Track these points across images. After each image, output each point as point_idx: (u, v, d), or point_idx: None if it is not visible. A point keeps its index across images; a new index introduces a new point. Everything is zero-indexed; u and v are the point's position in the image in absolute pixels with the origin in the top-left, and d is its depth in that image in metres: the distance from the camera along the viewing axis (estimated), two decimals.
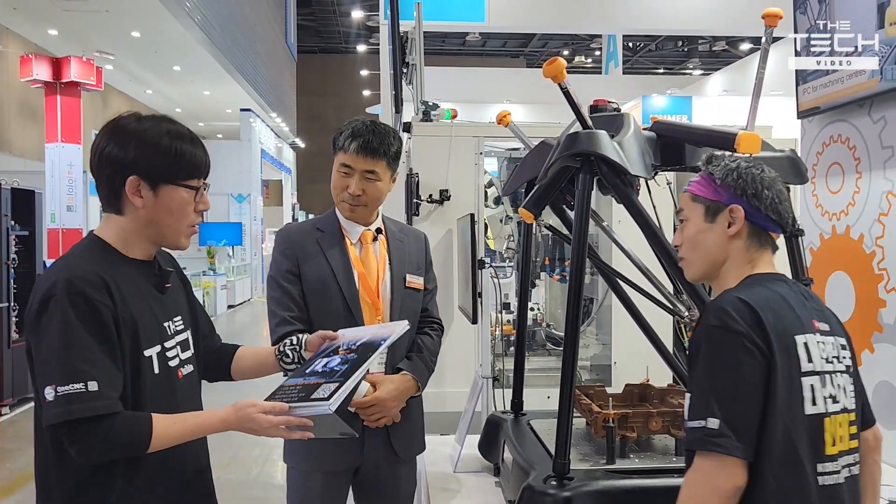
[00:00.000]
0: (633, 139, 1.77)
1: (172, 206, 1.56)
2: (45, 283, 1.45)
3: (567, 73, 1.71)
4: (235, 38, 15.65)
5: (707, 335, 1.35)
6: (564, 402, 1.77)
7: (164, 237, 1.59)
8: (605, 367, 3.92)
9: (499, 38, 27.02)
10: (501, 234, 3.95)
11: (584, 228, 1.75)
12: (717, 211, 1.47)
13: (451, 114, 3.70)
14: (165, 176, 1.54)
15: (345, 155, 2.17)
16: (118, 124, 1.56)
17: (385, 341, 1.72)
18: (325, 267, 2.18)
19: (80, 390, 1.38)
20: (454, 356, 3.57)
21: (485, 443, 2.40)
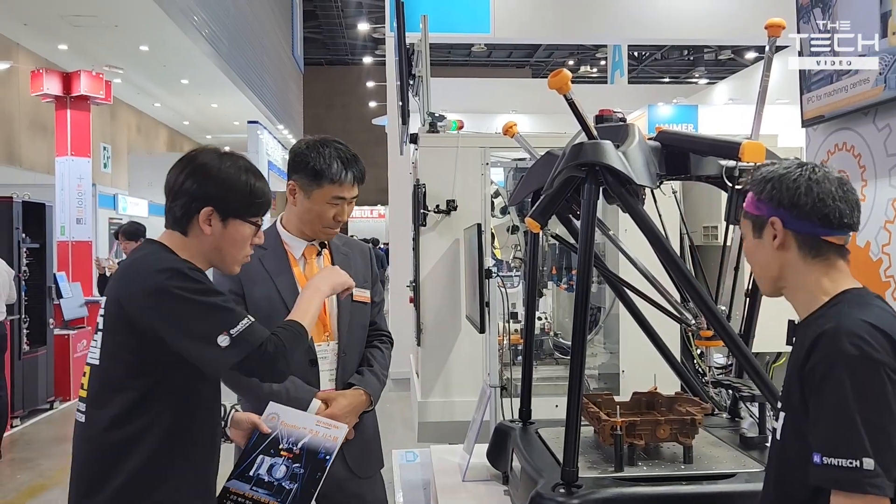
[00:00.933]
0: (637, 149, 1.79)
1: (237, 238, 1.73)
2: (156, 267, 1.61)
3: (572, 83, 1.73)
4: (243, 51, 15.77)
5: (846, 364, 1.25)
6: (572, 410, 1.79)
7: (223, 263, 1.76)
8: (613, 376, 3.92)
9: (504, 49, 27.11)
10: (508, 243, 3.96)
11: (590, 238, 1.77)
12: (762, 225, 1.43)
13: (457, 125, 3.72)
14: (237, 212, 1.71)
15: (340, 187, 2.15)
16: (200, 162, 1.71)
17: (330, 456, 1.77)
18: (271, 288, 2.16)
19: (251, 323, 1.62)
20: (461, 366, 3.58)
21: (493, 451, 2.41)
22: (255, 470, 1.73)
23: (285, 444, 1.78)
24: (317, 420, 1.85)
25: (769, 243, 1.41)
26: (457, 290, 3.54)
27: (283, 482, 1.69)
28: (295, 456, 1.75)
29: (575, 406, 1.78)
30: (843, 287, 1.38)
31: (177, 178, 1.71)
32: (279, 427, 1.82)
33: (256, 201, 1.73)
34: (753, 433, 2.17)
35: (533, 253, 2.37)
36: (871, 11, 2.37)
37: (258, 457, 1.76)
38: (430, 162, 3.56)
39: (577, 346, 1.80)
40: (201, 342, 1.58)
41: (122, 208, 14.18)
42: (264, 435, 1.81)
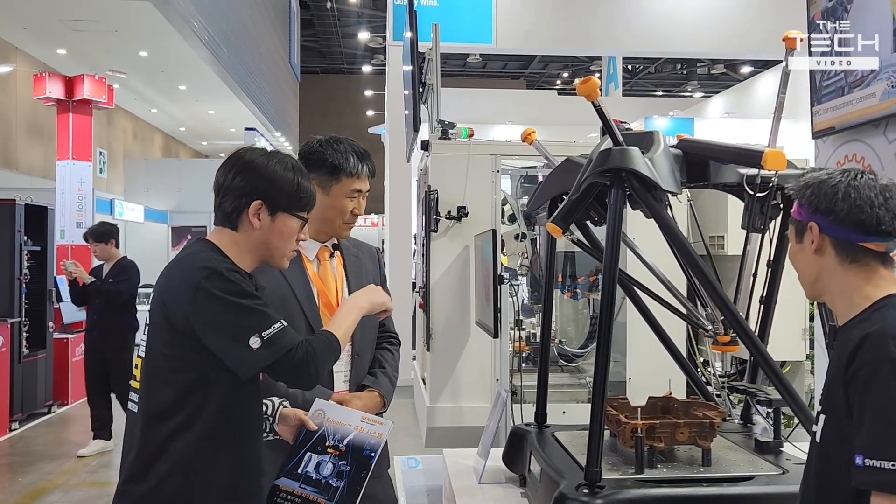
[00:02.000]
0: (663, 156, 1.82)
1: (284, 232, 1.77)
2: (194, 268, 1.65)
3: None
4: (241, 58, 15.79)
5: (892, 367, 1.25)
6: (597, 411, 1.81)
7: (272, 257, 1.80)
8: (620, 384, 3.96)
9: (499, 60, 27.25)
10: (515, 251, 4.00)
11: (616, 243, 1.80)
12: (802, 230, 1.45)
13: (468, 132, 3.77)
14: (285, 206, 1.75)
15: (359, 180, 2.22)
16: (248, 160, 1.76)
17: (375, 453, 1.80)
18: (284, 286, 2.17)
19: (281, 327, 1.66)
20: (471, 371, 3.61)
21: (509, 454, 2.43)
22: (303, 467, 1.76)
23: (331, 441, 1.81)
24: (362, 416, 1.87)
25: (808, 248, 1.43)
26: (467, 296, 3.57)
27: (330, 479, 1.72)
28: (341, 453, 1.78)
29: (599, 406, 1.81)
30: (887, 292, 1.39)
31: (226, 175, 1.75)
32: (325, 424, 1.85)
33: (303, 196, 1.78)
34: (767, 438, 2.20)
35: (550, 257, 2.40)
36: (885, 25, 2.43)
37: (306, 454, 1.79)
38: (441, 169, 3.60)
39: (602, 348, 1.83)
40: (233, 342, 1.62)
41: (118, 213, 14.15)
42: (311, 432, 1.84)
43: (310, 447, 1.81)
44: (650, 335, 2.52)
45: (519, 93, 22.11)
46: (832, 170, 1.45)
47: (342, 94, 30.39)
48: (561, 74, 26.86)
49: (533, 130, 2.38)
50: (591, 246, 2.47)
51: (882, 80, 2.45)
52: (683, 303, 2.26)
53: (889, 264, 1.42)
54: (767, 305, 2.30)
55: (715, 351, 2.29)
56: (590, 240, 2.47)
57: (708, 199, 3.82)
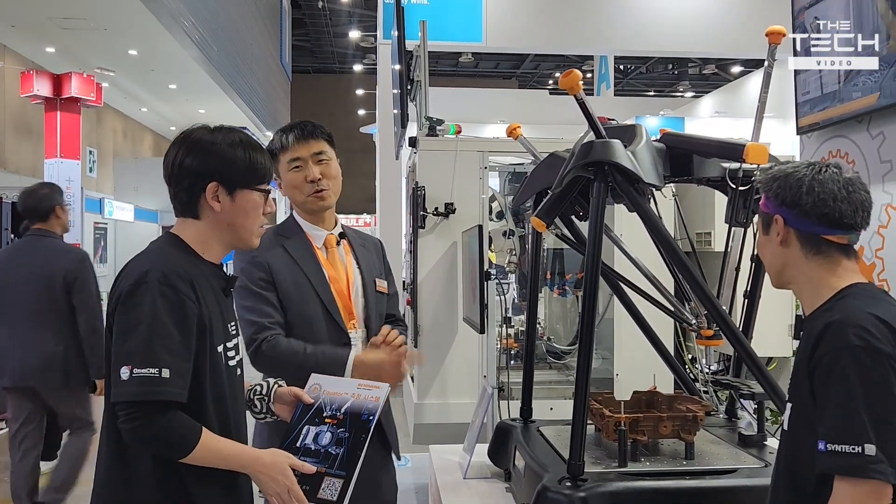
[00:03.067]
0: (645, 149, 1.83)
1: (248, 209, 1.68)
2: (136, 270, 1.56)
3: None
4: (232, 58, 15.74)
5: (852, 355, 1.29)
6: (579, 404, 1.81)
7: (240, 238, 1.71)
8: (607, 381, 3.96)
9: (491, 60, 27.26)
10: (504, 247, 4.00)
11: (598, 236, 1.80)
12: (768, 222, 1.48)
13: (455, 129, 3.76)
14: (242, 181, 1.67)
15: (288, 151, 2.23)
16: (193, 137, 1.68)
17: (373, 416, 1.76)
18: (298, 274, 2.18)
19: (154, 375, 1.48)
20: (458, 367, 3.61)
21: (494, 449, 2.43)
22: (301, 441, 1.73)
23: (329, 412, 1.78)
24: (358, 384, 1.83)
25: (774, 239, 1.47)
26: (454, 292, 3.57)
27: (329, 448, 1.69)
28: (339, 421, 1.75)
29: (582, 400, 1.81)
30: (850, 282, 1.43)
31: (174, 160, 1.67)
32: (322, 396, 1.82)
33: (259, 167, 1.69)
34: (751, 432, 2.21)
35: (535, 252, 2.40)
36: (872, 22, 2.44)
37: (303, 427, 1.76)
38: (429, 165, 3.60)
39: (584, 341, 1.83)
40: (113, 359, 1.53)
41: (107, 213, 14.08)
42: (308, 406, 1.81)
43: (307, 420, 1.79)
44: (637, 332, 2.53)
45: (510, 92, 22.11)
46: (798, 163, 1.48)
47: (333, 94, 30.34)
48: (553, 74, 26.89)
49: (518, 126, 2.38)
50: (576, 241, 2.47)
51: (864, 75, 2.46)
52: (668, 297, 2.27)
53: (852, 256, 1.46)
54: (751, 300, 2.31)
55: (700, 346, 2.29)
56: (575, 235, 2.47)
57: (695, 195, 3.83)
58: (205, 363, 1.59)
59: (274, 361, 2.08)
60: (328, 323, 2.18)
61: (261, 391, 1.87)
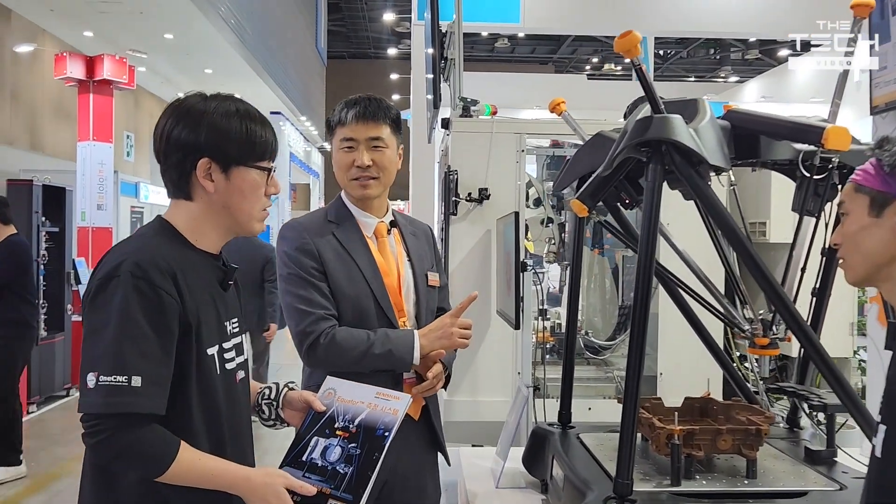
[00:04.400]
0: (710, 126, 1.60)
1: (245, 189, 1.48)
2: (109, 262, 1.37)
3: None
4: (267, 42, 15.67)
5: None
6: (628, 417, 1.60)
7: (238, 222, 1.51)
8: (649, 379, 3.73)
9: (527, 45, 26.86)
10: (541, 236, 3.78)
11: (653, 226, 1.58)
12: (885, 203, 1.20)
13: (490, 109, 3.54)
14: (237, 157, 1.47)
15: (343, 128, 2.04)
16: (184, 105, 1.49)
17: (389, 432, 1.54)
18: (350, 263, 2.03)
19: (122, 384, 1.29)
20: (489, 363, 3.41)
21: (530, 457, 2.23)
22: (308, 454, 1.54)
23: (341, 423, 1.57)
24: (377, 392, 1.62)
25: (889, 225, 1.21)
26: (487, 283, 3.37)
27: (337, 465, 1.49)
28: (351, 435, 1.55)
29: (631, 411, 1.60)
30: None
31: (162, 132, 1.47)
32: (335, 403, 1.62)
33: (257, 141, 1.48)
34: (819, 446, 1.98)
35: (578, 239, 2.17)
36: None
37: (312, 438, 1.57)
38: (462, 148, 3.39)
39: (635, 348, 1.62)
40: (82, 367, 1.34)
41: (143, 196, 14.16)
42: (319, 414, 1.61)
43: (317, 431, 1.58)
44: (684, 328, 2.30)
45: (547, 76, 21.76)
46: None
47: (368, 79, 30.18)
48: (590, 59, 26.39)
49: (562, 100, 2.15)
50: (623, 231, 2.25)
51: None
52: (719, 298, 2.03)
53: None
54: (821, 298, 2.07)
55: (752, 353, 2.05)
56: (622, 224, 2.25)
57: (748, 181, 3.56)
58: (189, 369, 1.39)
59: (334, 355, 1.93)
60: (380, 320, 2.02)
61: (269, 395, 1.68)
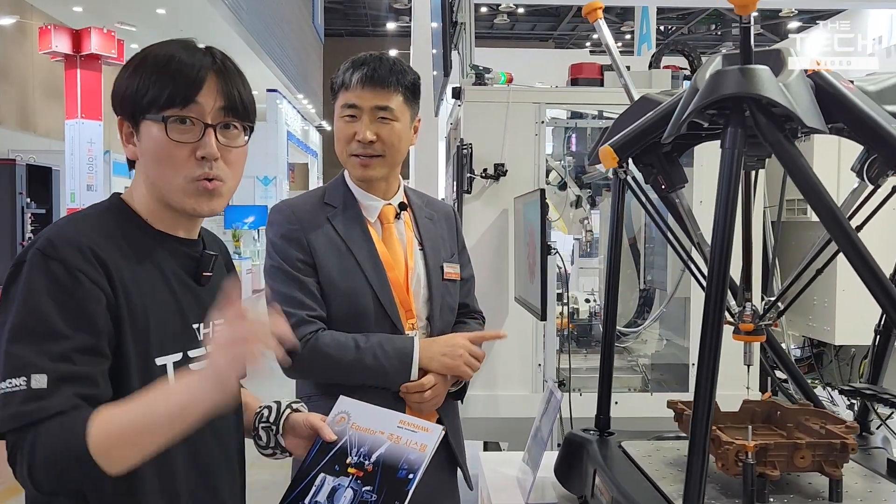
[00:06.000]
0: (801, 81, 1.30)
1: (153, 149, 1.14)
2: (29, 244, 1.10)
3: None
4: (262, 18, 15.30)
5: None
6: (699, 437, 1.32)
7: (168, 197, 1.17)
8: (676, 368, 3.47)
9: (527, 21, 26.43)
10: (574, 217, 3.47)
11: (731, 205, 1.30)
12: None
13: (506, 77, 3.24)
14: (142, 106, 1.13)
15: (347, 93, 1.71)
16: None
17: (415, 475, 1.23)
18: (346, 256, 1.73)
19: (18, 388, 0.98)
20: (507, 355, 3.14)
21: (564, 468, 1.96)
22: (312, 496, 1.25)
23: (355, 458, 1.29)
24: (399, 420, 1.33)
25: None
26: (504, 268, 3.09)
27: None
28: (367, 474, 1.26)
29: (703, 427, 1.32)
30: None
31: None
32: (348, 431, 1.33)
33: (164, 79, 1.12)
34: None
35: (617, 210, 1.88)
36: None
37: (318, 475, 1.28)
38: (476, 119, 3.09)
39: (708, 353, 1.33)
40: None
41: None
42: (328, 444, 1.32)
43: (324, 466, 1.29)
44: None
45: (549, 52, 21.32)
46: None
47: None
48: (591, 36, 25.98)
49: (600, 5, 1.78)
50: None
51: None
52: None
53: None
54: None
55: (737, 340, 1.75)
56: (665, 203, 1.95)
57: None
58: (126, 385, 1.07)
59: (317, 365, 1.64)
60: (380, 321, 1.73)
61: (267, 417, 1.37)
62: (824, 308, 3.12)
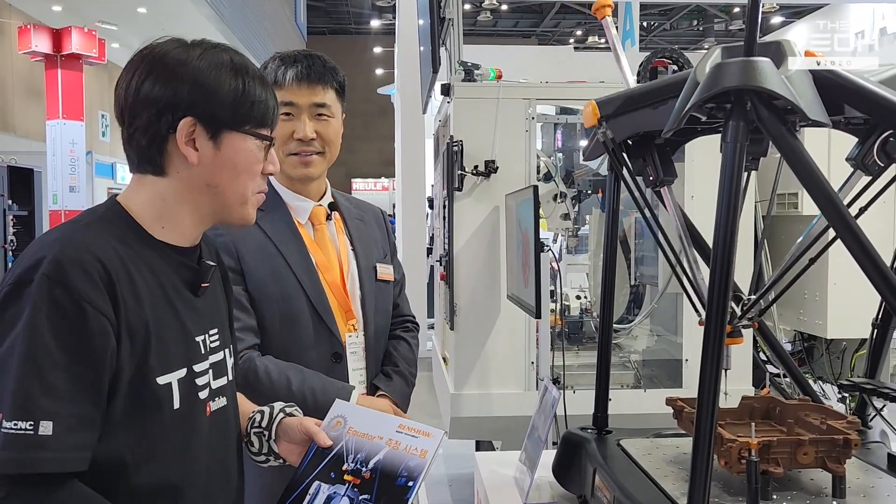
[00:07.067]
0: (804, 73, 1.28)
1: (239, 162, 1.15)
2: (26, 260, 1.02)
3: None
4: (244, 16, 15.17)
5: None
6: (703, 438, 1.30)
7: (226, 206, 1.16)
8: (672, 364, 3.46)
9: (510, 18, 26.42)
10: (554, 213, 3.47)
11: (734, 202, 1.28)
12: None
13: (495, 74, 3.22)
14: (231, 120, 1.13)
15: (281, 91, 1.65)
16: (158, 52, 1.13)
17: (415, 482, 1.19)
18: (277, 259, 1.67)
19: (26, 432, 0.94)
20: (501, 353, 3.12)
21: (562, 467, 1.94)
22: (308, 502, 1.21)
23: (351, 464, 1.24)
24: (399, 424, 1.28)
25: None
26: (496, 265, 3.06)
27: None
28: (364, 482, 1.21)
29: (707, 437, 1.30)
30: None
31: (128, 85, 1.11)
32: (345, 436, 1.28)
33: (258, 101, 1.15)
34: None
35: (613, 199, 1.85)
36: None
37: (313, 483, 1.23)
38: (466, 116, 3.06)
39: (711, 338, 1.31)
40: None
41: (120, 178, 13.73)
42: (324, 450, 1.27)
43: (319, 473, 1.24)
44: None
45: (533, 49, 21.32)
46: None
47: (350, 56, 29.52)
48: (574, 32, 26.03)
49: (609, 3, 1.76)
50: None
51: None
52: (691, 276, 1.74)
53: None
54: None
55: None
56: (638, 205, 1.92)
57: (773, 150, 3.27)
58: (124, 407, 1.03)
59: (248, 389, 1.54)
60: (316, 326, 1.68)
61: (259, 422, 1.32)
62: (816, 302, 3.12)
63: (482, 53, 15.52)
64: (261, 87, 1.18)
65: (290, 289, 1.67)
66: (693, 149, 2.99)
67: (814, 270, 3.24)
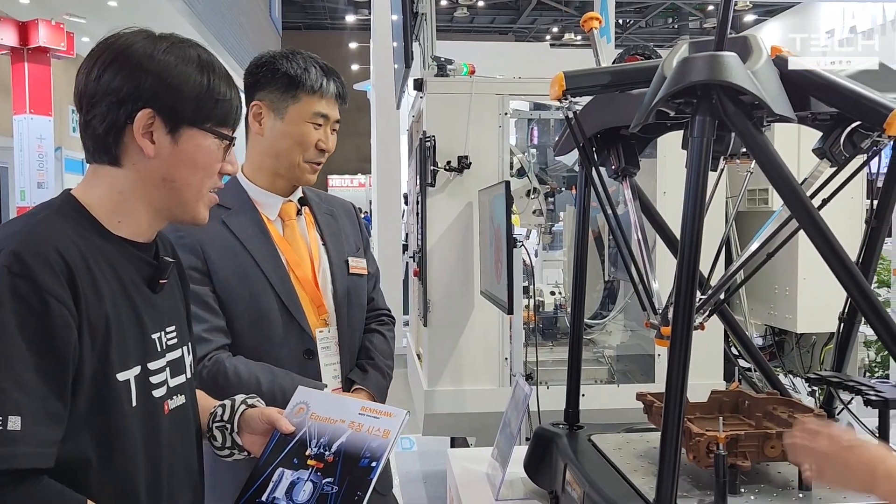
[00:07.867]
0: (769, 68, 1.29)
1: (197, 159, 1.13)
2: None
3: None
4: (218, 10, 14.99)
5: None
6: (671, 429, 1.31)
7: (180, 203, 1.15)
8: (642, 359, 3.48)
9: (487, 15, 26.42)
10: (527, 209, 3.47)
11: (700, 197, 1.28)
12: None
13: (468, 68, 3.21)
14: (192, 116, 1.12)
15: (323, 100, 1.68)
16: (123, 42, 1.10)
17: (377, 462, 1.18)
18: (241, 254, 1.66)
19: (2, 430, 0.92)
20: (475, 349, 3.12)
21: (534, 463, 1.94)
22: (269, 492, 1.19)
23: (314, 449, 1.23)
24: (361, 407, 1.27)
25: None
26: (470, 261, 3.06)
27: None
28: (327, 465, 1.20)
29: (675, 421, 1.30)
30: None
31: (88, 72, 1.09)
32: (307, 422, 1.27)
33: (219, 98, 1.13)
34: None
35: (584, 197, 1.85)
36: None
37: (276, 470, 1.22)
38: (438, 111, 3.05)
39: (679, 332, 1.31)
40: None
41: None
42: (286, 437, 1.26)
43: (282, 460, 1.23)
44: None
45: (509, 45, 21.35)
46: None
47: (325, 51, 28.68)
48: (550, 29, 26.11)
49: (598, 17, 1.76)
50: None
51: None
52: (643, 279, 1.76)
53: None
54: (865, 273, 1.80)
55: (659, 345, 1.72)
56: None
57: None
58: (85, 405, 1.01)
59: (217, 393, 1.51)
60: (287, 324, 1.67)
61: (221, 416, 1.31)
62: (786, 297, 3.15)
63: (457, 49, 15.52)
64: (226, 86, 1.16)
65: (259, 287, 1.66)
66: (665, 144, 3.01)
67: (783, 265, 3.28)
